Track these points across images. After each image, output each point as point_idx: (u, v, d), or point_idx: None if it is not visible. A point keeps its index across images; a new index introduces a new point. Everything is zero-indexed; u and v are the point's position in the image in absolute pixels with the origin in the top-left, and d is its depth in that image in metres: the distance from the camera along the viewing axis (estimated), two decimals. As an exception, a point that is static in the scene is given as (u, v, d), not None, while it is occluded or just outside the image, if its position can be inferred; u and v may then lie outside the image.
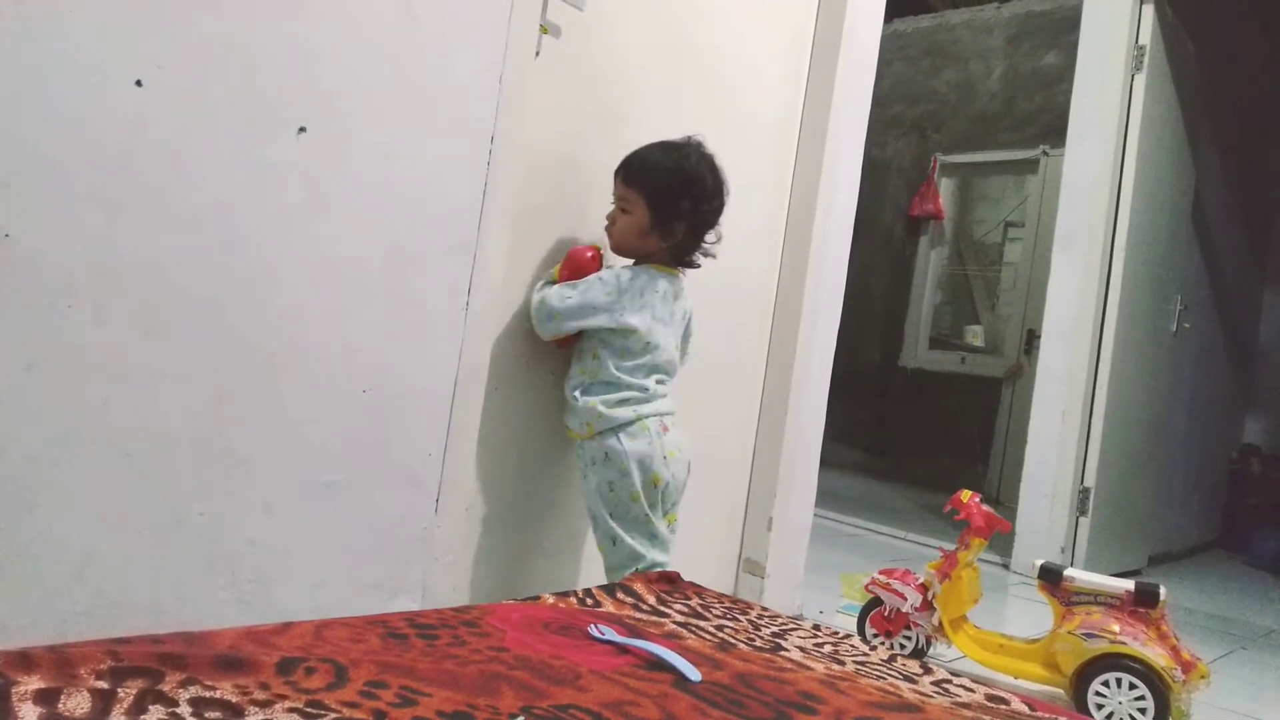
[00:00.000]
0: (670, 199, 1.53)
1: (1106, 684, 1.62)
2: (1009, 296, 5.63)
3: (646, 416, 1.54)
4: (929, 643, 1.89)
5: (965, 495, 1.91)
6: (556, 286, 1.53)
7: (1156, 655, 1.60)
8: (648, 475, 1.53)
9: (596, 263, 1.56)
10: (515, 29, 1.41)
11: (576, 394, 1.54)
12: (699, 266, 1.64)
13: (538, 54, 1.50)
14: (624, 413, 1.52)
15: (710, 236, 1.62)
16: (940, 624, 1.82)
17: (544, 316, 1.52)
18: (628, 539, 1.52)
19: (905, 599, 1.85)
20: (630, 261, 1.61)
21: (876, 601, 1.92)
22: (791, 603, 2.12)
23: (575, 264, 1.55)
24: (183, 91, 1.07)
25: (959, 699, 1.17)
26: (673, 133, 1.82)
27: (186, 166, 1.08)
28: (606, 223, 1.60)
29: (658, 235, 1.55)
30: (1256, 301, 5.23)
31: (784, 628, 1.39)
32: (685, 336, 1.69)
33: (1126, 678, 1.60)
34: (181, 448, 1.11)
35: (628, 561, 1.52)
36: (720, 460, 2.04)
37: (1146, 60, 3.27)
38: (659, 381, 1.59)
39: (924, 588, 1.86)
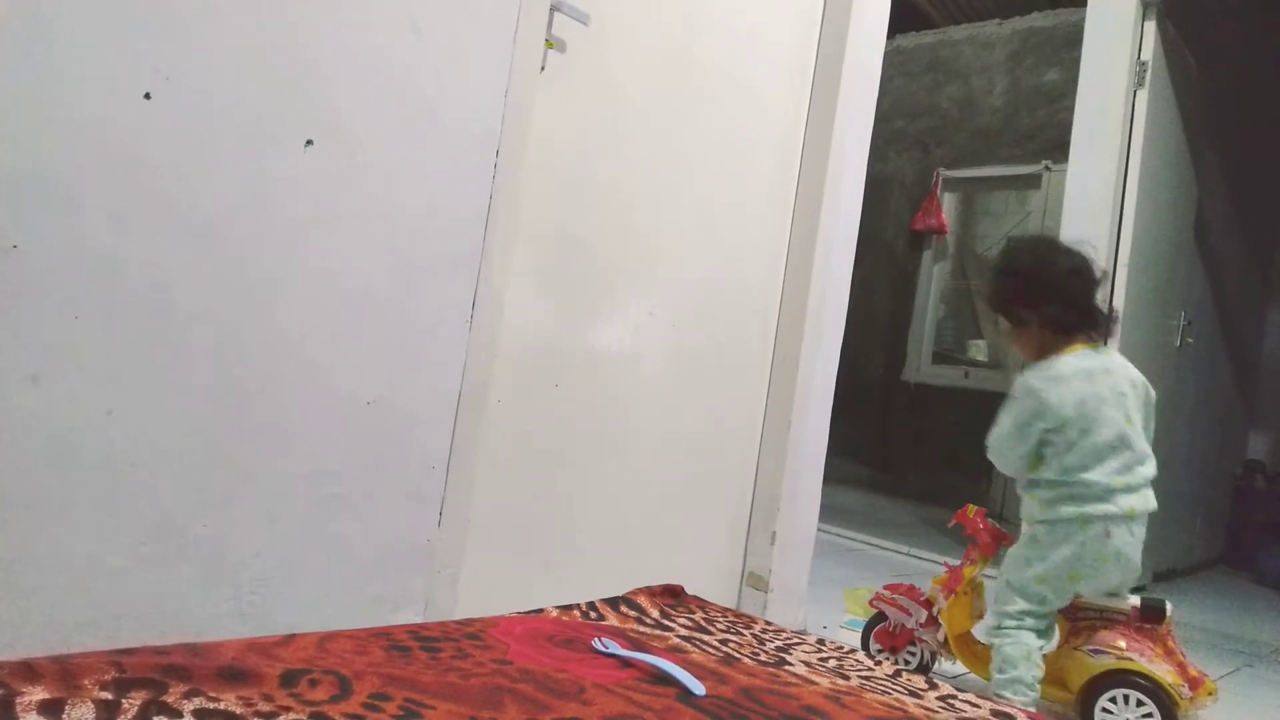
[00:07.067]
0: (1012, 295, 1.70)
1: (1114, 700, 1.60)
2: (1012, 311, 5.62)
3: None
4: (934, 658, 1.88)
5: (971, 510, 1.90)
6: (993, 432, 1.70)
7: (1164, 672, 1.59)
8: None
9: None
10: (521, 44, 1.42)
11: None
12: (1100, 327, 1.70)
13: (543, 68, 1.51)
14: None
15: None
16: (945, 639, 1.81)
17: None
18: None
19: (910, 614, 1.84)
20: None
21: (881, 617, 1.91)
22: (795, 617, 2.11)
23: None
24: (191, 104, 1.08)
25: (964, 714, 1.17)
26: (678, 148, 1.83)
27: (194, 178, 1.09)
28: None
29: (1036, 323, 1.67)
30: (1260, 317, 5.23)
31: (788, 642, 1.38)
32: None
33: (1134, 694, 1.59)
34: (186, 459, 1.11)
35: None
36: (723, 474, 2.04)
37: (1149, 76, 3.28)
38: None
39: (929, 603, 1.85)
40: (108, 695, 0.76)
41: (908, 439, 5.83)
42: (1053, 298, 1.65)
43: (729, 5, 1.92)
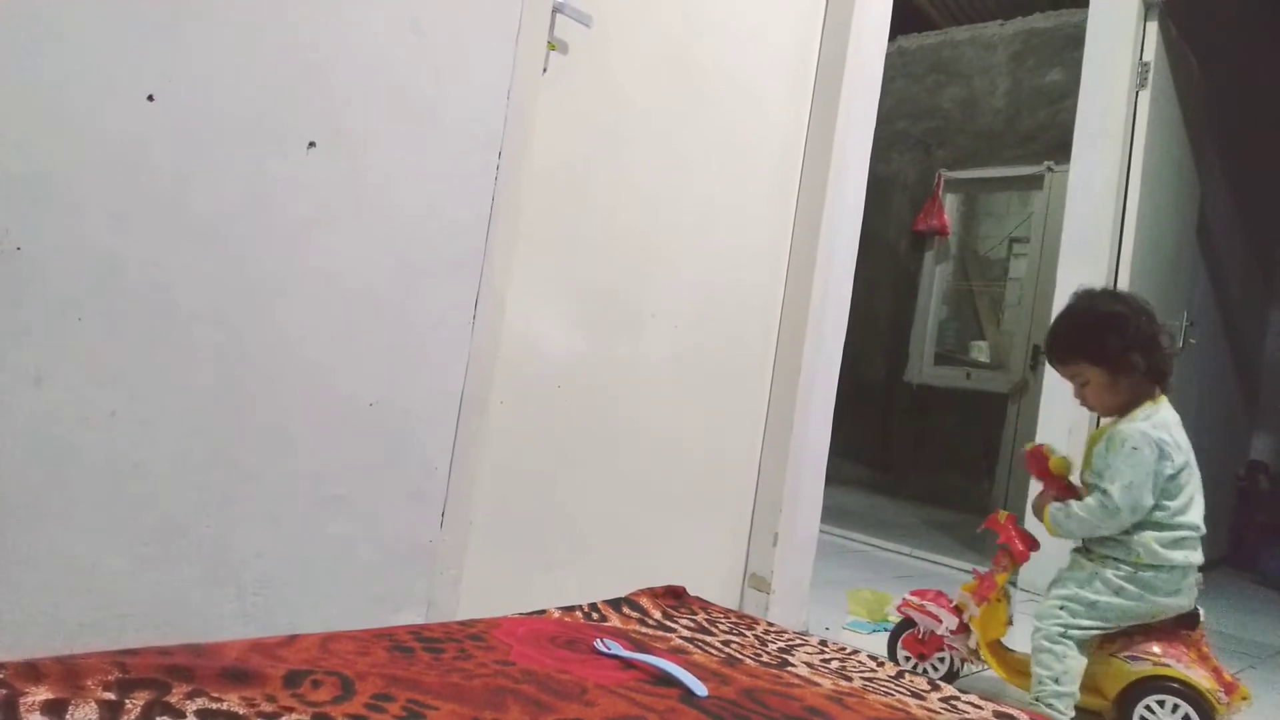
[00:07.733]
0: (1107, 346, 1.68)
1: (1161, 703, 1.58)
2: (1014, 312, 5.62)
3: None
4: (963, 665, 1.85)
5: (1002, 516, 1.86)
6: (1117, 487, 1.61)
7: (1201, 677, 1.57)
8: None
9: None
10: (523, 45, 1.42)
11: None
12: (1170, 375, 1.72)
13: (545, 70, 1.51)
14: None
15: (1163, 342, 1.70)
16: (977, 646, 1.78)
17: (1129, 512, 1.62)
18: None
19: (940, 621, 1.82)
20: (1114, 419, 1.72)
21: (909, 623, 1.89)
22: (797, 618, 2.11)
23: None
24: (193, 105, 1.08)
25: (967, 715, 1.17)
26: (679, 149, 1.83)
27: (196, 179, 1.09)
28: (1078, 401, 1.77)
29: (1142, 370, 1.67)
30: (1262, 317, 5.22)
31: (790, 643, 1.38)
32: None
33: (1183, 705, 1.56)
34: (188, 459, 1.11)
35: None
36: (726, 475, 2.04)
37: (1151, 76, 3.27)
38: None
39: (958, 610, 1.82)
40: (111, 695, 0.76)
41: (909, 440, 5.83)
42: (1154, 348, 1.69)
43: (729, 5, 1.92)
